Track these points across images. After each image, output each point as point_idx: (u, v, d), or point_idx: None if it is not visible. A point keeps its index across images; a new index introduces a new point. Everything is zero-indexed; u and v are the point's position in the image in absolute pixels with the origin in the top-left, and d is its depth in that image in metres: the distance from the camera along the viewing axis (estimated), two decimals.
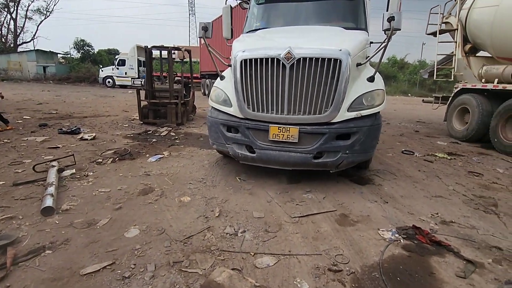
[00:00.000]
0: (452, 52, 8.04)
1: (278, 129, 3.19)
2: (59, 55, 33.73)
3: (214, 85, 3.78)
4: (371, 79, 3.32)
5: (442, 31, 8.23)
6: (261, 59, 3.09)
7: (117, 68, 23.74)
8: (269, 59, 3.05)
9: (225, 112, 3.50)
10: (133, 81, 21.74)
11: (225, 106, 3.51)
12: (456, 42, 7.82)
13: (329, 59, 2.97)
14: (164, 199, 3.09)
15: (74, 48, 34.82)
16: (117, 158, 4.36)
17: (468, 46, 7.59)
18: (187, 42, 44.13)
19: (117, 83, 23.96)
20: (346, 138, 3.21)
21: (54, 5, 17.60)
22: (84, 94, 16.55)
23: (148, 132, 6.33)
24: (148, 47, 7.06)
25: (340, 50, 3.00)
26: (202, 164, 4.30)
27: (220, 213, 2.80)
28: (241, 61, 3.18)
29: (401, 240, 2.43)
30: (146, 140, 5.63)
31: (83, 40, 34.44)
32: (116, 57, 25.40)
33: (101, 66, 26.99)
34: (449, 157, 5.19)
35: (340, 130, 3.16)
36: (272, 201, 3.13)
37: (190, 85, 9.05)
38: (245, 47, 3.33)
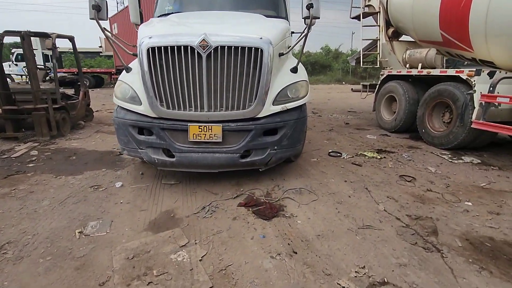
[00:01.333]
0: (377, 37, 7.58)
1: (199, 128, 2.82)
2: None
3: (119, 78, 3.17)
4: (294, 70, 3.13)
5: (365, 14, 7.70)
6: (172, 47, 2.62)
7: (16, 65, 19.37)
8: (182, 47, 2.61)
9: (134, 111, 2.96)
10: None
11: (133, 104, 2.97)
12: (379, 26, 7.35)
13: (250, 48, 2.67)
14: None
15: None
16: None
17: (391, 30, 7.12)
18: None
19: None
20: (273, 134, 3.01)
21: None
22: None
23: None
24: None
25: (261, 38, 2.72)
26: (35, 208, 2.76)
27: None
28: (148, 49, 2.67)
29: None
30: None
31: None
32: (13, 51, 20.80)
33: None
34: (379, 157, 4.47)
35: (266, 126, 2.93)
36: (108, 283, 1.82)
37: (79, 83, 7.14)
38: (153, 32, 2.83)
